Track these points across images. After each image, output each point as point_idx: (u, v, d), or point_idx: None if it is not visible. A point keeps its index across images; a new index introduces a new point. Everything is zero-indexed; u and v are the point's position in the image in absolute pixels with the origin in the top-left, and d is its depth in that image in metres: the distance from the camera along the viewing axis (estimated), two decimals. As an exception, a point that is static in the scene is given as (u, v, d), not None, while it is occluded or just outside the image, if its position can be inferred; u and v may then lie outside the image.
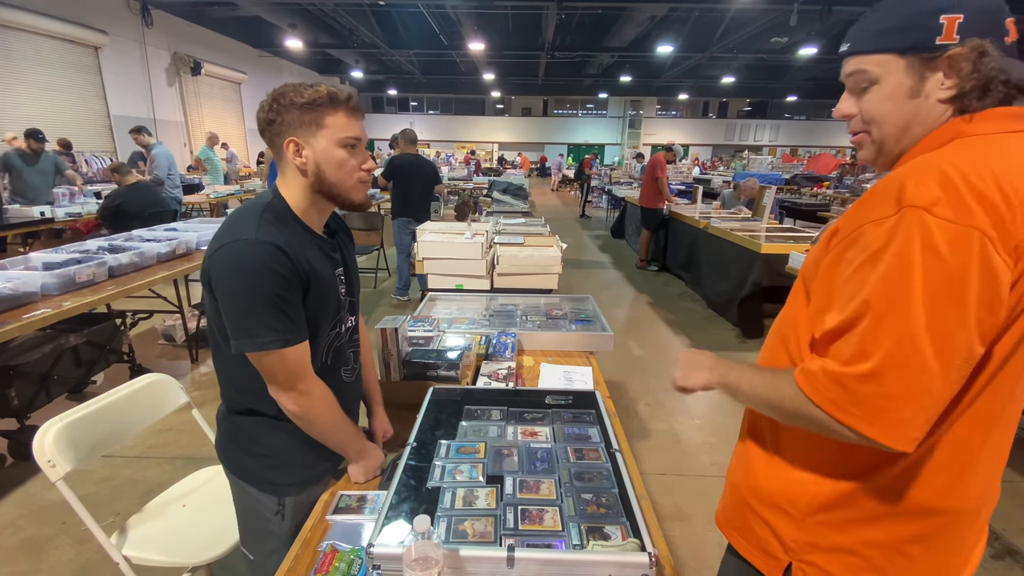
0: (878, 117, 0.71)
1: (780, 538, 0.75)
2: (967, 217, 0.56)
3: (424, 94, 24.37)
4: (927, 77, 0.67)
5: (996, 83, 0.65)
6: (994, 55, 0.64)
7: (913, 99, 0.68)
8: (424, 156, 5.15)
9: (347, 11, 11.17)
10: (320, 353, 1.13)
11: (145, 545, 1.38)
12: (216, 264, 0.99)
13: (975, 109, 0.66)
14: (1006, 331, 0.61)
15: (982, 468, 0.67)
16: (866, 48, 0.71)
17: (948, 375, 0.58)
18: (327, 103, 1.02)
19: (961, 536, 0.69)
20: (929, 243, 0.57)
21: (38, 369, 2.58)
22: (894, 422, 0.59)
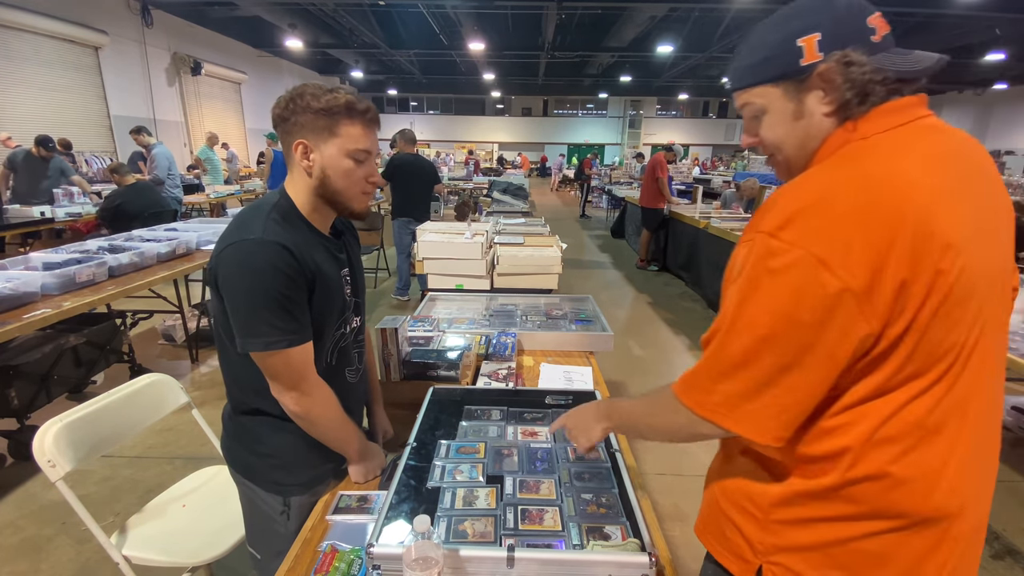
0: (775, 142, 0.75)
1: (748, 540, 0.75)
2: (806, 239, 0.60)
3: (424, 94, 24.37)
4: (805, 97, 0.70)
5: (872, 85, 0.66)
6: (861, 60, 0.65)
7: (799, 120, 0.71)
8: (424, 156, 5.15)
9: (347, 11, 11.17)
10: (325, 354, 1.13)
11: (145, 545, 1.38)
12: (223, 263, 0.99)
13: (861, 114, 0.67)
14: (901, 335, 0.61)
15: (947, 476, 0.64)
16: (744, 84, 0.75)
17: (786, 380, 0.63)
18: (344, 112, 1.01)
19: (931, 539, 0.66)
20: (769, 266, 0.62)
21: (38, 369, 2.57)
22: (744, 416, 0.66)
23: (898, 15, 10.53)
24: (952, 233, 0.59)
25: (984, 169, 0.68)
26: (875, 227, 0.58)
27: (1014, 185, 9.33)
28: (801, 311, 0.60)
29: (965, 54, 12.48)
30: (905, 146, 0.65)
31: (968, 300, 0.61)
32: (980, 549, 0.72)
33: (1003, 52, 11.57)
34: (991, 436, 0.71)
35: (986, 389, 0.67)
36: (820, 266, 0.59)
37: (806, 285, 0.59)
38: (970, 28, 10.73)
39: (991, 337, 0.66)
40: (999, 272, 0.66)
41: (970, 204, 0.63)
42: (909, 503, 0.64)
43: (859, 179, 0.61)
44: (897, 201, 0.59)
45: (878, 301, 0.59)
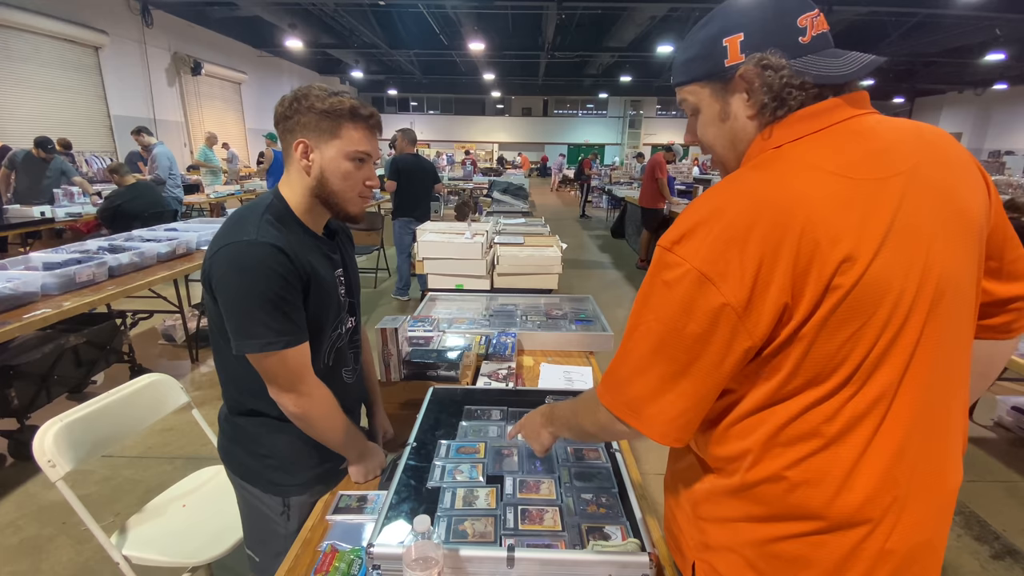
0: (707, 141, 0.75)
1: (685, 536, 0.76)
2: (694, 255, 0.61)
3: (424, 94, 24.38)
4: (730, 99, 0.70)
5: (788, 90, 0.64)
6: (778, 64, 0.64)
7: (726, 121, 0.71)
8: (424, 156, 5.16)
9: (347, 11, 11.17)
10: (322, 355, 1.13)
11: (145, 545, 1.38)
12: (217, 265, 0.99)
13: (780, 119, 0.66)
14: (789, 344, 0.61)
15: (857, 482, 0.62)
16: (678, 80, 0.75)
17: (679, 386, 0.65)
18: (347, 115, 1.02)
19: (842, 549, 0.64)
20: (663, 278, 0.64)
21: (38, 369, 2.58)
22: (646, 416, 0.67)
23: (898, 15, 10.54)
24: (849, 244, 0.58)
25: (908, 173, 0.63)
26: (757, 244, 0.59)
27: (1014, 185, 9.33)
28: (688, 323, 0.62)
29: (965, 54, 12.48)
30: (807, 155, 0.63)
31: (873, 308, 0.59)
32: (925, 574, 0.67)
33: (1003, 52, 11.58)
34: (937, 449, 0.66)
35: (912, 408, 0.63)
36: (705, 281, 0.60)
37: (692, 298, 0.61)
38: (970, 28, 10.73)
39: (924, 351, 0.62)
40: (934, 277, 0.61)
41: (888, 209, 0.60)
42: (811, 506, 0.64)
43: (748, 195, 0.62)
44: (781, 217, 0.59)
45: (759, 316, 0.60)
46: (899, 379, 0.62)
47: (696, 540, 0.74)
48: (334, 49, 14.46)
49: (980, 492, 2.48)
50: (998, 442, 2.97)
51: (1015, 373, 2.26)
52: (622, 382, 0.69)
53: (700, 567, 0.74)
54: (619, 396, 0.70)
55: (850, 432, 0.62)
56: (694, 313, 0.61)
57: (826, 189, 0.60)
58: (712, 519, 0.72)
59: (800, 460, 0.64)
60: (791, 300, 0.60)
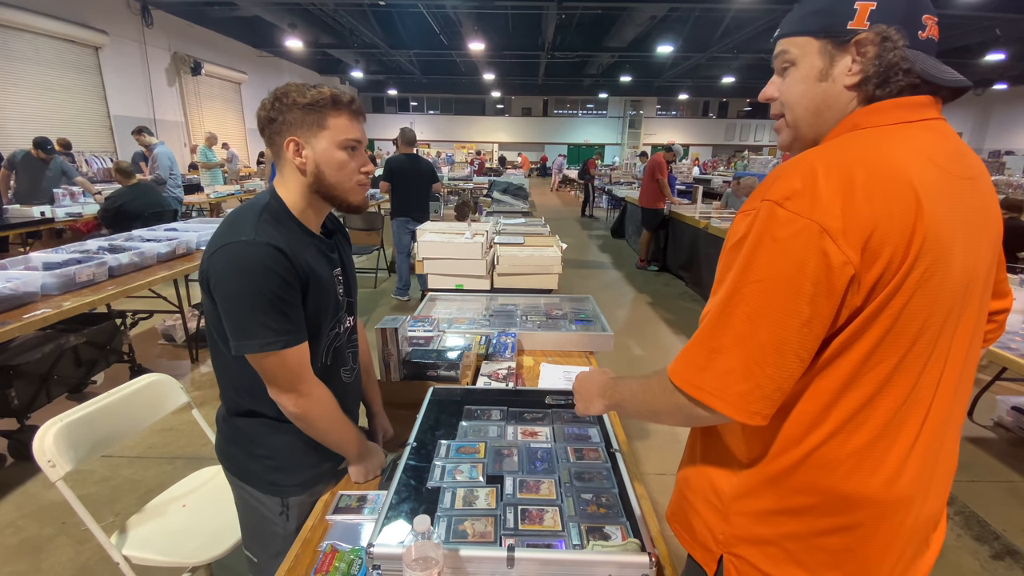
0: (791, 99, 0.74)
1: (711, 530, 0.75)
2: (812, 210, 0.59)
3: (424, 94, 24.37)
4: (837, 61, 0.69)
5: (897, 71, 0.66)
6: (898, 43, 0.65)
7: (822, 82, 0.70)
8: (422, 156, 5.13)
9: (347, 11, 11.17)
10: (320, 354, 1.13)
11: (145, 545, 1.38)
12: (214, 266, 0.99)
13: (878, 97, 0.68)
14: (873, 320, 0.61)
15: (904, 462, 0.65)
16: (790, 31, 0.74)
17: (783, 355, 0.61)
18: (330, 104, 1.02)
19: (888, 534, 0.66)
20: (774, 234, 0.61)
21: (38, 369, 2.57)
22: (734, 395, 0.63)
23: (898, 15, 10.52)
24: (940, 231, 0.60)
25: (976, 179, 0.68)
26: (879, 203, 0.59)
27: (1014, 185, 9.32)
28: (804, 280, 0.59)
29: (965, 54, 12.48)
30: (911, 142, 0.65)
31: (943, 299, 0.62)
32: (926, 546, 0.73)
33: (1003, 52, 11.58)
34: (955, 429, 0.72)
35: (948, 392, 0.67)
36: (826, 237, 0.58)
37: (811, 255, 0.59)
38: (970, 28, 10.74)
39: (960, 342, 0.67)
40: (977, 278, 0.67)
41: (958, 209, 0.64)
42: (865, 494, 0.65)
43: (871, 161, 0.61)
44: (898, 184, 0.60)
45: (868, 279, 0.60)
46: (941, 369, 0.66)
47: (727, 534, 0.73)
48: (334, 49, 14.46)
49: (980, 492, 2.48)
50: (998, 442, 2.97)
51: (1015, 373, 2.26)
52: (708, 357, 0.65)
53: (731, 561, 0.73)
54: (702, 375, 0.66)
55: (906, 420, 0.65)
56: (811, 271, 0.59)
57: (928, 174, 0.62)
58: (749, 512, 0.71)
59: (862, 448, 0.64)
60: (896, 268, 0.59)
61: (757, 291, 0.62)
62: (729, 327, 0.64)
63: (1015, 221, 4.19)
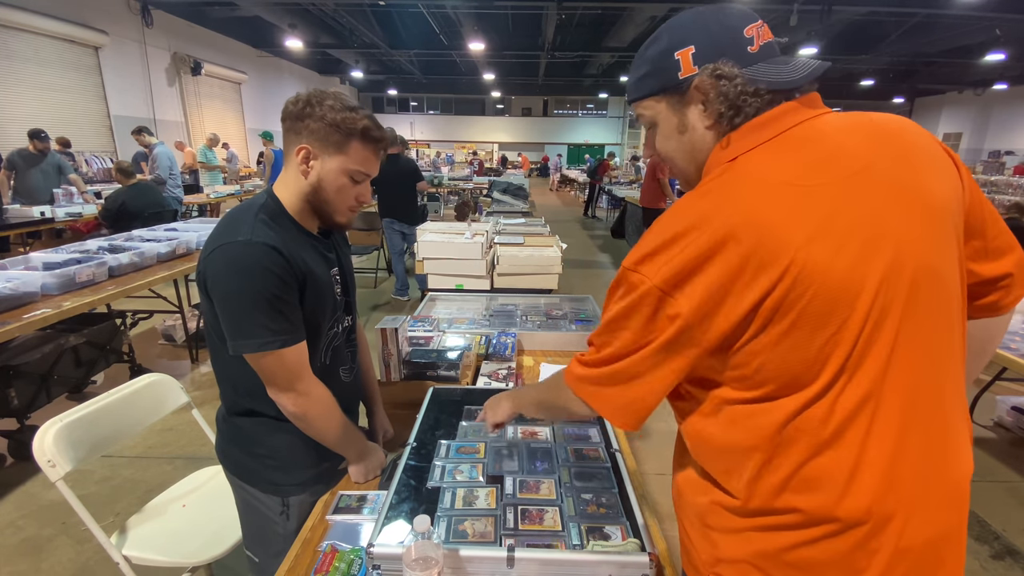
0: (667, 154, 0.76)
1: (697, 550, 0.74)
2: (655, 274, 0.64)
3: (424, 94, 24.36)
4: (687, 111, 0.71)
5: (744, 98, 0.66)
6: (731, 73, 0.66)
7: (684, 134, 0.72)
8: (400, 157, 5.02)
9: (347, 11, 11.17)
10: (319, 354, 1.13)
11: (145, 545, 1.38)
12: (212, 266, 0.99)
13: (736, 127, 0.68)
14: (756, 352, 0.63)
15: (861, 481, 0.62)
16: (633, 97, 0.76)
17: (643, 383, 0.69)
18: (358, 135, 1.02)
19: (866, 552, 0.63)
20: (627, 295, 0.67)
21: (38, 369, 2.58)
22: (604, 401, 0.73)
23: (898, 15, 10.54)
24: (806, 253, 0.59)
25: (864, 170, 0.63)
26: (715, 268, 0.61)
27: (1014, 185, 9.32)
28: (648, 334, 0.66)
29: (965, 54, 12.48)
30: (758, 169, 0.65)
31: (847, 310, 0.60)
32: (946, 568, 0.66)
33: (1003, 52, 11.56)
34: (937, 441, 0.65)
35: (911, 392, 0.63)
36: (666, 297, 0.64)
37: (654, 312, 0.65)
38: (970, 28, 10.73)
39: (913, 335, 0.62)
40: (921, 265, 0.62)
41: (845, 212, 0.61)
42: (819, 510, 0.63)
43: (707, 213, 0.63)
44: (732, 240, 0.60)
45: (713, 327, 0.63)
46: (882, 375, 0.62)
47: (708, 554, 0.72)
48: (334, 49, 14.45)
49: (980, 492, 2.48)
50: (998, 442, 2.97)
51: (1015, 373, 2.26)
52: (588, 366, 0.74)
53: None
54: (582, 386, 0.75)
55: (844, 433, 0.62)
56: (655, 325, 0.66)
57: (777, 202, 0.62)
58: (722, 530, 0.70)
59: (801, 464, 0.64)
60: (751, 310, 0.61)
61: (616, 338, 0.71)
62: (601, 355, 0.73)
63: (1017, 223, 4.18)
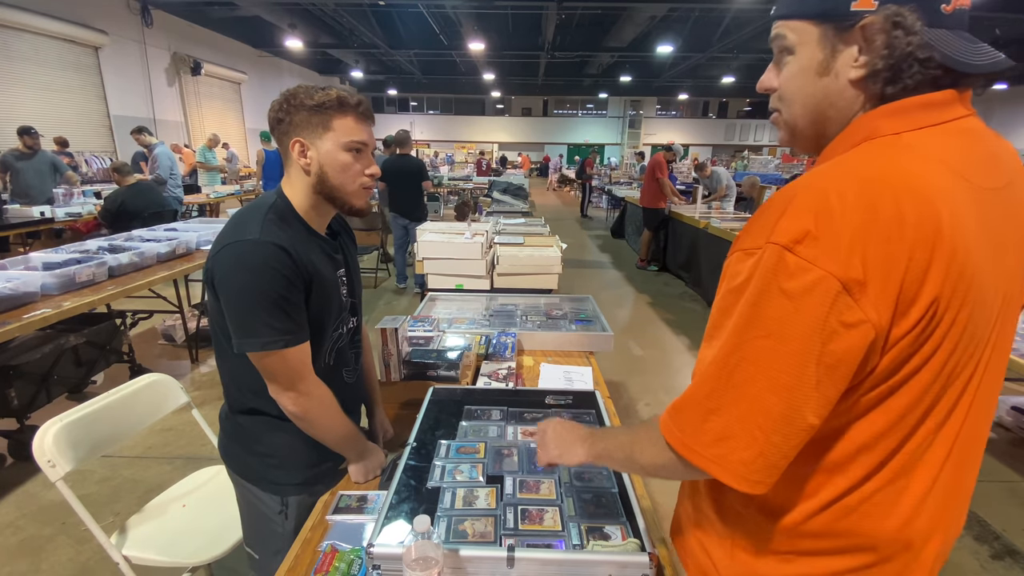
0: (787, 95, 0.64)
1: (715, 564, 0.71)
2: (828, 260, 0.50)
3: (424, 94, 24.36)
4: (839, 51, 0.58)
5: (911, 62, 0.55)
6: (912, 27, 0.54)
7: (822, 77, 0.60)
8: (410, 156, 5.37)
9: (347, 11, 11.16)
10: (323, 354, 1.13)
11: (145, 545, 1.37)
12: (219, 264, 0.99)
13: (891, 95, 0.57)
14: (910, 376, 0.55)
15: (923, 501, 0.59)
16: (786, 11, 0.62)
17: (790, 423, 0.54)
18: (336, 106, 1.02)
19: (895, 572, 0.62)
20: (783, 286, 0.52)
21: (38, 369, 2.57)
22: (735, 463, 0.56)
23: (898, 15, 10.51)
24: (975, 265, 0.52)
25: (1005, 187, 0.58)
26: (908, 254, 0.50)
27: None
28: (817, 341, 0.51)
29: (965, 54, 12.45)
30: (938, 155, 0.55)
31: (979, 337, 0.56)
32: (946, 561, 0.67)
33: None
34: (973, 459, 0.64)
35: (978, 416, 0.61)
36: (844, 293, 0.50)
37: (827, 313, 0.50)
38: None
39: (990, 371, 0.60)
40: (1009, 298, 0.59)
41: (988, 228, 0.55)
42: (875, 537, 0.60)
43: (896, 192, 0.51)
44: (931, 226, 0.50)
45: (894, 335, 0.52)
46: (971, 401, 0.59)
47: (731, 570, 0.69)
48: (334, 49, 14.45)
49: (980, 492, 2.46)
50: (998, 442, 2.97)
51: (1015, 373, 2.26)
52: (707, 418, 0.57)
53: None
54: (701, 438, 0.58)
55: (929, 458, 0.59)
56: (826, 332, 0.50)
57: (957, 197, 0.52)
58: (757, 550, 0.66)
59: (880, 490, 0.59)
60: (928, 320, 0.51)
61: (763, 349, 0.53)
62: (730, 387, 0.56)
63: None
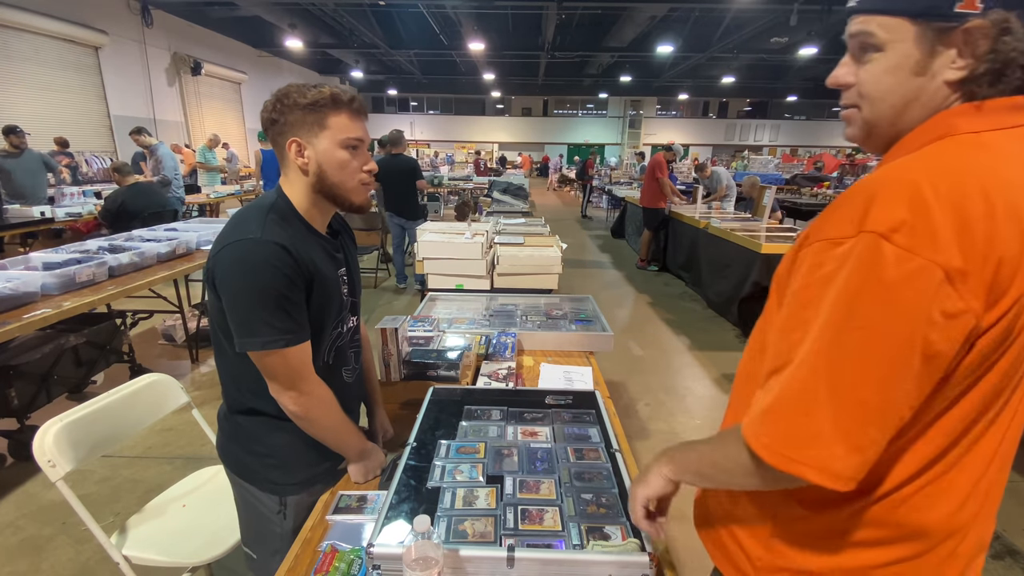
0: (874, 93, 0.62)
1: (747, 555, 0.71)
2: (930, 248, 0.50)
3: (424, 94, 24.35)
4: (938, 52, 0.57)
5: (1014, 67, 0.55)
6: (1019, 33, 0.55)
7: (918, 76, 0.58)
8: (403, 155, 5.37)
9: (347, 11, 11.17)
10: (322, 353, 1.13)
11: (145, 545, 1.37)
12: (220, 263, 0.99)
13: (984, 96, 0.57)
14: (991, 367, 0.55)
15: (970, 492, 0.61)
16: (875, 6, 0.60)
17: (886, 416, 0.54)
18: (330, 104, 1.02)
19: (937, 563, 0.63)
20: (881, 276, 0.51)
21: (38, 369, 2.57)
22: (828, 461, 0.55)
23: (898, 15, 10.51)
24: None
25: None
26: (1002, 244, 0.50)
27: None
28: (918, 332, 0.50)
29: (965, 54, 12.45)
30: (1019, 153, 0.55)
31: None
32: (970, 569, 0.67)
33: None
34: (1011, 458, 0.66)
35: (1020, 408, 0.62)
36: (946, 282, 0.49)
37: (929, 302, 0.50)
38: None
39: None
40: None
41: None
42: (927, 525, 0.60)
43: (987, 184, 0.51)
44: (1021, 217, 0.51)
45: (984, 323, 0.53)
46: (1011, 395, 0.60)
47: (767, 561, 0.69)
48: (334, 49, 14.46)
49: (980, 492, 2.48)
50: (998, 442, 2.97)
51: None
52: (798, 420, 0.56)
53: None
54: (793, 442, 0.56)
55: (982, 451, 0.60)
56: (928, 321, 0.50)
57: None
58: (798, 542, 0.66)
59: (933, 482, 0.59)
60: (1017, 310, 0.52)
61: (860, 341, 0.52)
62: (825, 384, 0.54)
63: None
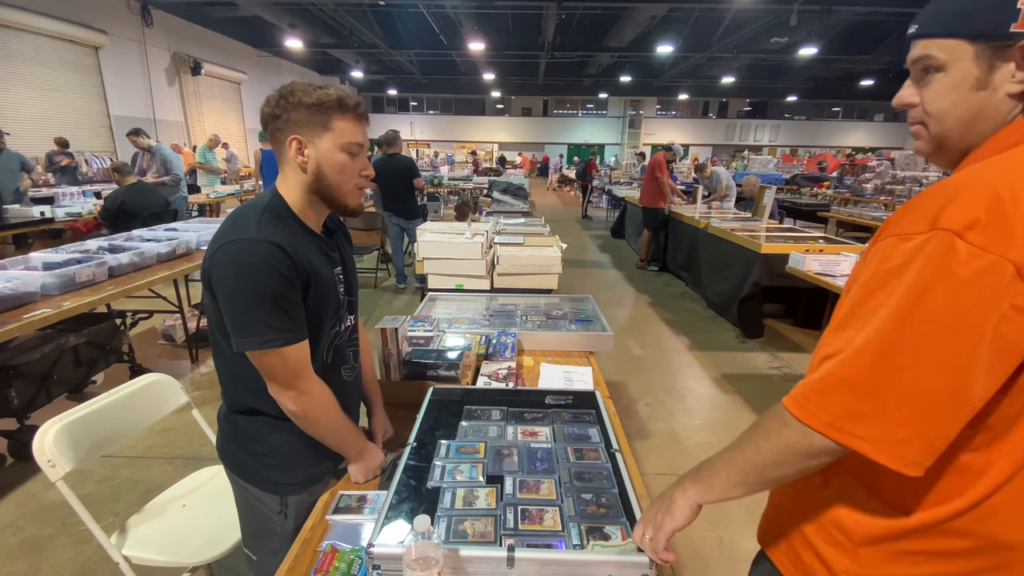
0: (939, 111, 0.66)
1: (828, 566, 0.71)
2: (1003, 245, 0.52)
3: (424, 94, 24.37)
4: (997, 67, 0.62)
5: None
6: None
7: (979, 91, 0.63)
8: (399, 155, 5.38)
9: (347, 11, 11.18)
10: (321, 352, 1.13)
11: (145, 545, 1.37)
12: (217, 263, 0.99)
13: None
14: None
15: None
16: (935, 31, 0.65)
17: (954, 404, 0.56)
18: (336, 107, 1.03)
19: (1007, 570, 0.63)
20: (954, 271, 0.54)
21: (38, 369, 2.57)
22: (891, 442, 0.57)
23: (898, 15, 10.54)
24: None
25: None
26: None
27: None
28: (989, 326, 0.53)
29: (965, 54, 12.45)
30: None
31: None
32: None
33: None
34: None
35: None
36: (1017, 278, 0.52)
37: (1001, 297, 0.52)
38: None
39: None
40: None
41: None
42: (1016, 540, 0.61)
43: None
44: None
45: None
46: None
47: (843, 567, 0.69)
48: (334, 49, 14.46)
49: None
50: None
51: None
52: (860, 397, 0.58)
53: None
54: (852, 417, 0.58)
55: None
56: (1000, 316, 0.53)
57: None
58: (884, 552, 0.66)
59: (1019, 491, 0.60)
60: None
61: (929, 332, 0.55)
62: (890, 368, 0.57)
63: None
